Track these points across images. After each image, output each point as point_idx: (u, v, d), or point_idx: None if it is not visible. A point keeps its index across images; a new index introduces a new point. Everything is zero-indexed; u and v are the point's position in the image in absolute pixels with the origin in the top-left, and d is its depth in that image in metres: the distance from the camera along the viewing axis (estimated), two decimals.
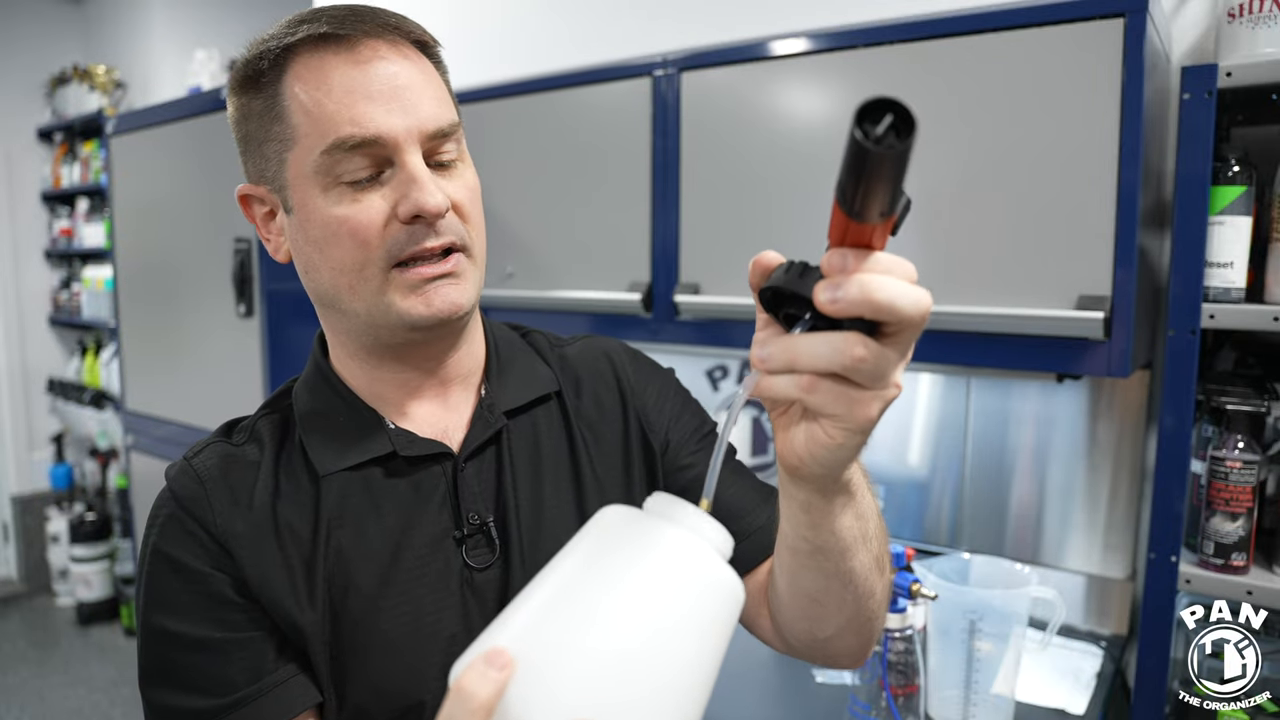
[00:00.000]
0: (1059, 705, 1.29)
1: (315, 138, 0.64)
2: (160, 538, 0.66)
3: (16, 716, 3.22)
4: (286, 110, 0.65)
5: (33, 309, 4.44)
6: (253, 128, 0.68)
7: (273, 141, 0.66)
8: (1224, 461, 1.10)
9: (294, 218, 0.67)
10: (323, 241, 0.66)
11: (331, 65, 0.64)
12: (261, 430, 0.72)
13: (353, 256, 0.65)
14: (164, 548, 0.65)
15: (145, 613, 0.65)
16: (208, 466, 0.68)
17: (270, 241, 0.71)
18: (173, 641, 0.64)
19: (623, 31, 1.97)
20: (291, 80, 0.65)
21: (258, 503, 0.67)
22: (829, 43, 1.36)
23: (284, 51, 0.65)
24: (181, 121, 1.95)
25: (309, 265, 0.68)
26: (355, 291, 0.66)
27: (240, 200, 0.72)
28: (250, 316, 1.78)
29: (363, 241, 0.64)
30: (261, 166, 0.68)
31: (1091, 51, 1.15)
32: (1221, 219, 1.11)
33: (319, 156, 0.64)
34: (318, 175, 0.64)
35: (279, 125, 0.65)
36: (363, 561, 0.67)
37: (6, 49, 4.26)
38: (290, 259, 0.71)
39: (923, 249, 1.31)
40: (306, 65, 0.64)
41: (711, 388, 1.99)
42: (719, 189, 1.48)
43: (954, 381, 1.68)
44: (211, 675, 0.63)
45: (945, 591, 1.20)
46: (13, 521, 4.37)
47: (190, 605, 0.64)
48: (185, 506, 0.66)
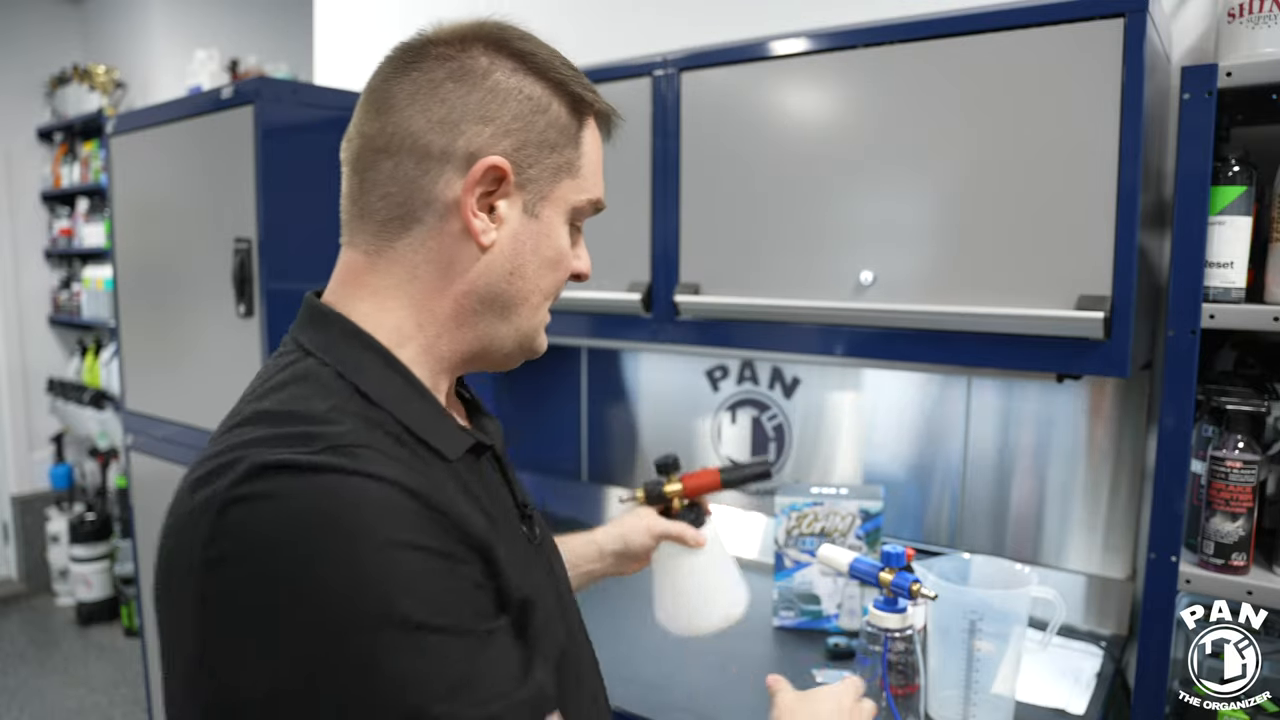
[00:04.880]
0: (1059, 705, 1.29)
1: (588, 185, 0.75)
2: (413, 532, 0.57)
3: (16, 717, 3.22)
4: (583, 148, 0.74)
5: (33, 309, 4.44)
6: (547, 131, 0.71)
7: (558, 156, 0.72)
8: (1224, 461, 1.10)
9: (535, 226, 0.72)
10: (549, 262, 0.73)
11: (600, 140, 0.77)
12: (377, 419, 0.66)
13: (555, 286, 0.75)
14: (417, 540, 0.57)
15: (408, 615, 0.55)
16: (398, 452, 0.63)
17: (477, 219, 0.68)
18: (460, 642, 0.57)
19: (623, 31, 1.97)
20: (590, 129, 0.75)
21: (459, 488, 0.66)
22: (829, 43, 1.36)
23: (591, 96, 0.74)
24: (181, 121, 1.95)
25: (521, 272, 0.72)
26: (534, 312, 0.74)
27: (485, 168, 0.67)
28: (250, 316, 1.78)
29: (564, 277, 0.76)
30: (526, 159, 0.70)
31: (1091, 51, 1.15)
32: (1221, 219, 1.11)
33: (583, 201, 0.74)
34: (570, 211, 0.74)
35: (572, 151, 0.73)
36: (516, 540, 0.73)
37: (6, 49, 4.26)
38: (491, 247, 0.70)
39: (923, 249, 1.31)
40: (594, 125, 0.76)
41: (711, 388, 1.99)
42: (719, 189, 1.48)
43: (954, 381, 1.68)
44: (499, 670, 0.59)
45: (945, 591, 1.20)
46: (13, 521, 4.37)
47: (465, 597, 0.59)
48: (417, 493, 0.59)
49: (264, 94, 1.72)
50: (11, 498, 4.36)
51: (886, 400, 1.78)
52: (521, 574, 0.67)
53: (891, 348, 1.34)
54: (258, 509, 0.55)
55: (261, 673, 0.54)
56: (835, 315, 1.37)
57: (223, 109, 1.80)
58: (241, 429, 0.62)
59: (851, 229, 1.37)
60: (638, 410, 2.12)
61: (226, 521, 0.56)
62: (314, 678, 0.54)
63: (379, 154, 0.69)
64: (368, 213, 0.70)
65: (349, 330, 0.69)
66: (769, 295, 1.43)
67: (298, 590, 0.54)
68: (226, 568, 0.55)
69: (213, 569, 0.56)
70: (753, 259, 1.47)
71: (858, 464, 1.83)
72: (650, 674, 1.41)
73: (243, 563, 0.55)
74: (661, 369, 2.07)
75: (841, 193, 1.37)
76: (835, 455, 1.86)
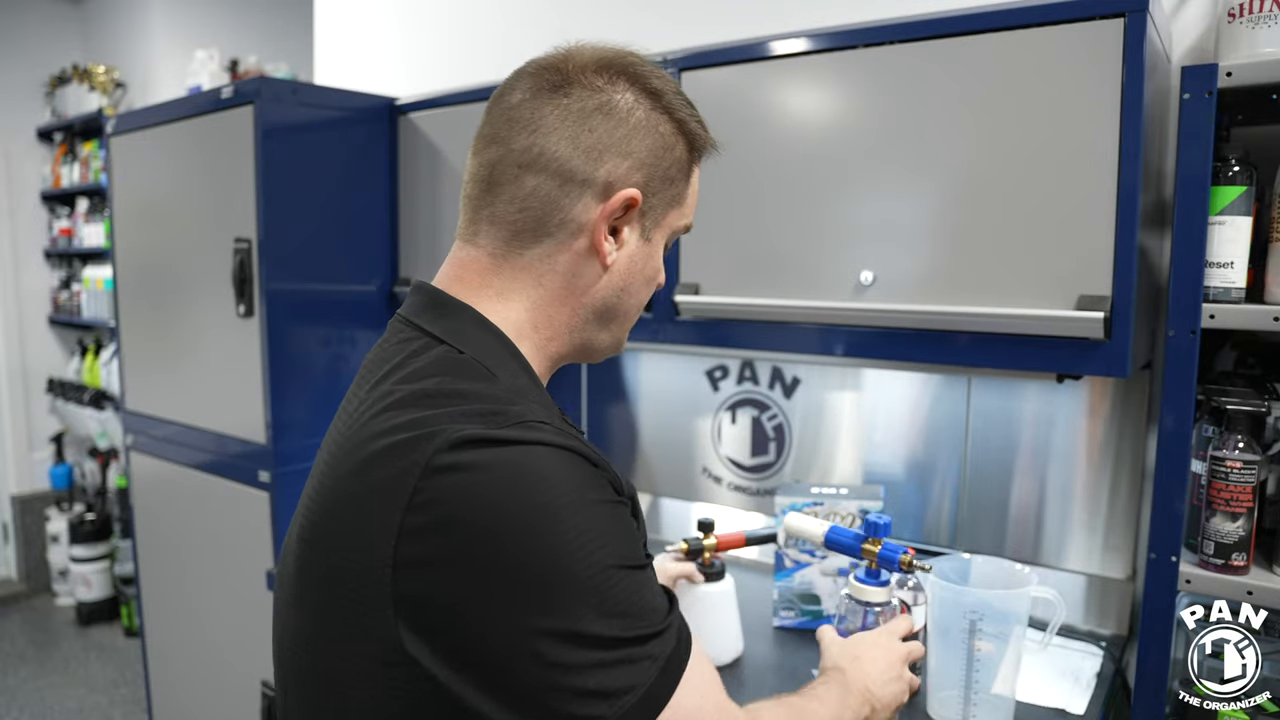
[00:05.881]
0: (1059, 705, 1.29)
1: (689, 212, 0.83)
2: (596, 491, 0.67)
3: (16, 717, 3.22)
4: (689, 183, 0.82)
5: (33, 309, 4.44)
6: (671, 167, 0.79)
7: (674, 189, 0.80)
8: (1224, 461, 1.10)
9: (646, 247, 0.80)
10: (649, 279, 0.82)
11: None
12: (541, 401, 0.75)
13: (649, 298, 0.84)
14: (604, 497, 0.67)
15: (626, 557, 0.66)
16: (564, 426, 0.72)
17: (604, 243, 0.76)
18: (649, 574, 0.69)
19: (623, 31, 1.96)
20: (696, 167, 0.83)
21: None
22: (829, 42, 1.36)
23: (706, 140, 0.83)
24: (181, 121, 1.95)
25: (629, 286, 0.80)
26: (630, 322, 0.84)
27: (625, 200, 0.76)
28: (250, 316, 1.78)
29: (653, 292, 0.84)
30: (652, 190, 0.78)
31: (1091, 51, 1.15)
32: (1221, 219, 1.11)
33: (682, 225, 0.83)
34: (671, 234, 0.82)
35: (684, 184, 0.81)
36: None
37: (6, 49, 4.26)
38: (610, 267, 0.78)
39: (923, 249, 1.31)
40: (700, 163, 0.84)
41: (712, 388, 1.99)
42: (719, 189, 1.48)
43: (954, 381, 1.68)
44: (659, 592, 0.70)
45: (945, 592, 1.20)
46: (13, 521, 4.37)
47: (636, 540, 0.69)
48: (597, 464, 0.69)
49: (264, 94, 1.72)
50: (11, 498, 4.36)
51: (886, 400, 1.78)
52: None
53: (891, 348, 1.34)
54: (463, 478, 0.62)
55: (487, 625, 0.61)
56: (835, 315, 1.37)
57: (223, 109, 1.80)
58: (406, 409, 0.67)
59: (851, 229, 1.37)
60: (638, 410, 2.12)
61: (433, 488, 0.62)
62: (537, 622, 0.61)
63: (523, 169, 0.75)
64: (499, 220, 0.76)
65: (478, 320, 0.75)
66: (769, 295, 1.43)
67: (509, 550, 0.61)
68: (436, 532, 0.61)
69: (419, 535, 0.62)
70: (753, 259, 1.47)
71: (858, 464, 1.83)
72: None
73: (455, 527, 0.61)
74: (661, 369, 2.07)
75: (841, 193, 1.37)
76: (835, 455, 1.86)
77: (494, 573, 0.61)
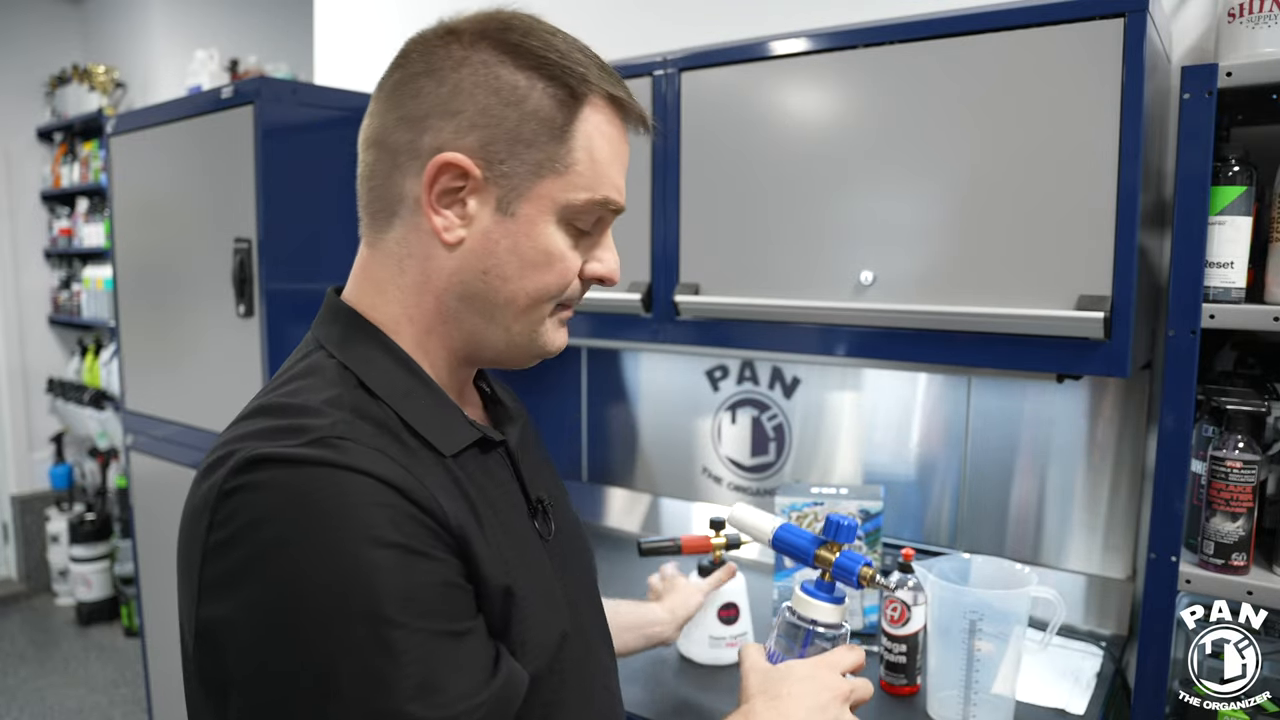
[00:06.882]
0: (1059, 705, 1.29)
1: (587, 183, 0.69)
2: (386, 529, 0.58)
3: (16, 717, 3.22)
4: (574, 141, 0.69)
5: (33, 309, 4.44)
6: (522, 123, 0.67)
7: (537, 151, 0.68)
8: (1224, 461, 1.10)
9: (510, 224, 0.68)
10: (534, 263, 0.69)
11: (619, 131, 0.73)
12: (365, 407, 0.66)
13: (547, 289, 0.71)
14: (390, 537, 0.58)
15: (373, 610, 0.56)
16: (384, 444, 0.63)
17: (440, 216, 0.68)
18: (426, 641, 0.58)
19: (623, 31, 1.97)
20: (587, 120, 0.69)
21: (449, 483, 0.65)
22: (829, 43, 1.36)
23: (591, 85, 0.69)
24: (181, 121, 1.95)
25: (498, 271, 0.69)
26: (524, 314, 0.71)
27: (439, 165, 0.66)
28: (250, 316, 1.78)
29: (564, 281, 0.71)
30: (497, 155, 0.67)
31: (1091, 51, 1.15)
32: (1221, 219, 1.11)
33: (581, 200, 0.69)
34: (565, 210, 0.69)
35: (556, 146, 0.68)
36: (511, 535, 0.71)
37: (6, 49, 4.26)
38: (459, 245, 0.69)
39: (923, 248, 1.31)
40: (604, 117, 0.71)
41: (711, 388, 1.99)
42: (719, 189, 1.48)
43: (954, 381, 1.69)
44: (468, 669, 0.60)
45: (945, 591, 1.20)
46: (13, 521, 4.37)
47: (435, 596, 0.59)
48: (398, 488, 0.59)
49: (264, 94, 1.72)
50: (11, 498, 4.36)
51: (886, 400, 1.78)
52: (508, 565, 0.67)
53: (891, 348, 1.34)
54: (247, 499, 0.58)
55: (248, 655, 0.57)
56: (835, 315, 1.37)
57: (223, 109, 1.80)
58: (245, 422, 0.64)
59: (851, 229, 1.37)
60: (638, 410, 2.12)
61: (222, 511, 0.59)
62: (289, 663, 0.56)
63: (366, 148, 0.71)
64: (362, 204, 0.73)
65: (356, 323, 0.71)
66: (769, 295, 1.43)
67: (278, 579, 0.56)
68: (221, 555, 0.58)
69: (210, 557, 0.59)
70: (753, 259, 1.47)
71: (858, 464, 1.83)
72: (650, 675, 1.41)
73: (233, 550, 0.58)
74: (661, 369, 2.07)
75: (842, 192, 1.37)
76: (835, 455, 1.86)
77: (258, 605, 0.57)
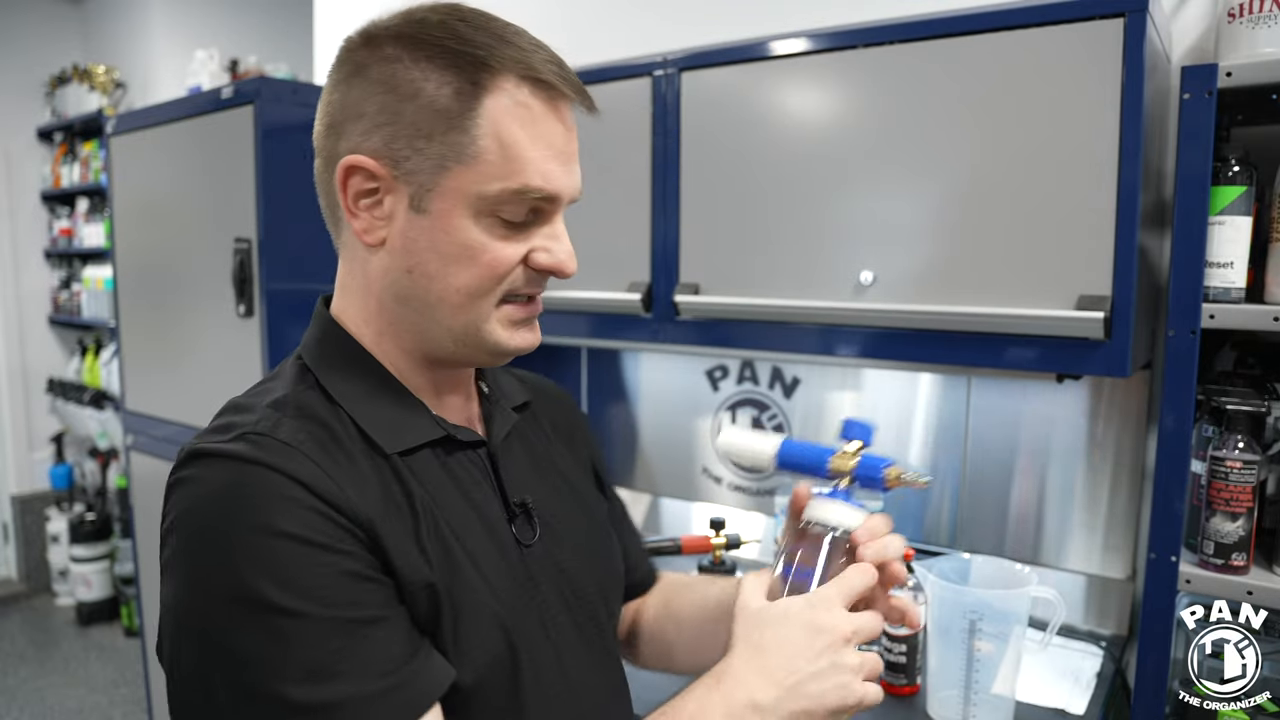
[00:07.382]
0: (1059, 705, 1.29)
1: (499, 172, 0.65)
2: (277, 517, 0.59)
3: (16, 717, 3.22)
4: (477, 129, 0.65)
5: (33, 309, 4.44)
6: (419, 116, 0.65)
7: (439, 144, 0.65)
8: (1224, 461, 1.10)
9: (425, 220, 0.67)
10: (454, 258, 0.67)
11: (539, 114, 0.67)
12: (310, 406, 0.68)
13: (478, 283, 0.68)
14: (287, 528, 0.59)
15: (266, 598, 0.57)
16: (300, 440, 0.63)
17: (359, 219, 0.68)
18: (317, 628, 0.58)
19: (623, 31, 1.97)
20: (493, 105, 0.65)
21: (365, 476, 0.65)
22: (829, 43, 1.36)
23: (494, 68, 0.65)
24: (181, 121, 1.95)
25: (421, 269, 0.68)
26: (461, 310, 0.69)
27: (344, 169, 0.67)
28: (250, 316, 1.78)
29: (495, 275, 0.68)
30: (400, 153, 0.66)
31: (1091, 51, 1.15)
32: (1221, 219, 1.11)
33: (495, 190, 0.66)
34: (480, 201, 0.66)
35: (459, 136, 0.65)
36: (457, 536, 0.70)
37: (6, 49, 4.26)
38: (382, 245, 0.69)
39: (923, 249, 1.31)
40: (514, 100, 0.65)
41: (711, 388, 1.99)
42: (719, 189, 1.48)
43: (954, 381, 1.68)
44: (363, 658, 0.59)
45: (945, 591, 1.20)
46: (13, 521, 4.37)
47: (332, 586, 0.59)
48: (304, 483, 0.61)
49: (264, 94, 1.72)
50: (11, 498, 4.36)
51: (886, 400, 1.78)
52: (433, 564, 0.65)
53: (891, 348, 1.34)
54: (182, 492, 0.63)
55: (169, 638, 0.62)
56: (835, 315, 1.37)
57: (223, 109, 1.80)
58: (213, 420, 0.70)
59: (851, 229, 1.37)
60: (638, 410, 2.12)
61: (167, 504, 0.64)
62: (193, 647, 0.60)
63: (316, 155, 0.72)
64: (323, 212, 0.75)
65: (328, 328, 0.74)
66: (769, 295, 1.43)
67: (194, 565, 0.61)
68: (164, 544, 0.63)
69: (161, 546, 0.64)
70: (753, 259, 1.47)
71: None
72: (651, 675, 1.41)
73: (169, 539, 0.62)
74: (661, 369, 2.07)
75: (841, 193, 1.37)
76: None
77: (178, 590, 0.61)
